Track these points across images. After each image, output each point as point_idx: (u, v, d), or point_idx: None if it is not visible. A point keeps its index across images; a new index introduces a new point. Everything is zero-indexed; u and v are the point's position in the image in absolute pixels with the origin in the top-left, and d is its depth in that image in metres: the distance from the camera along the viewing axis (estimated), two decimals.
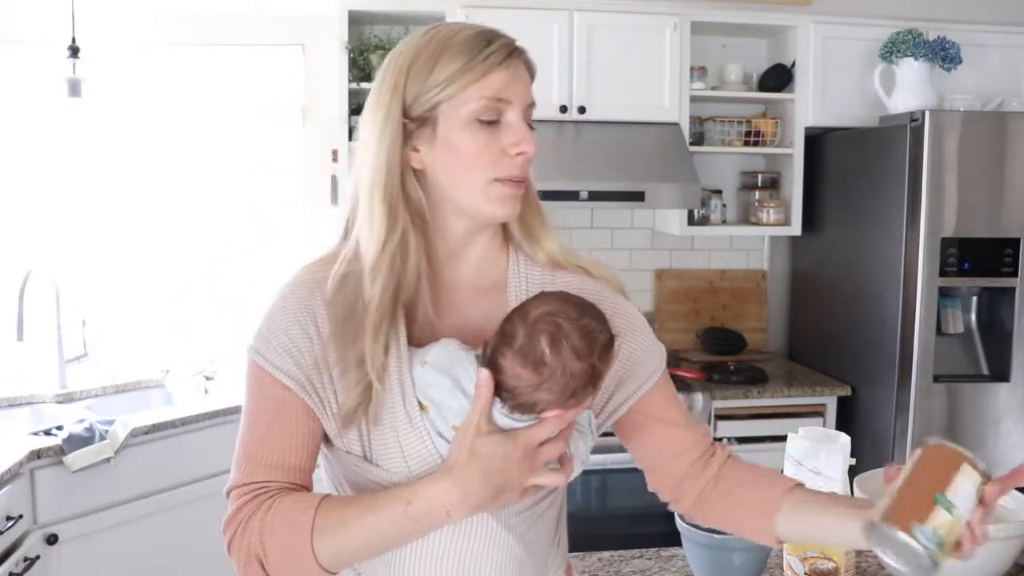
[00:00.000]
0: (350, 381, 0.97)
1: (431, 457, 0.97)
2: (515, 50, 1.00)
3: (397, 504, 0.93)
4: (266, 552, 0.95)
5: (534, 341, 0.92)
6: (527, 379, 0.92)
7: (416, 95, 0.97)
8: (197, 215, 3.24)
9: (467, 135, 0.97)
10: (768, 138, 3.26)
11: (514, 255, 1.09)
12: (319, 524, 0.94)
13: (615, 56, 3.03)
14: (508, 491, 0.93)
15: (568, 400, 0.93)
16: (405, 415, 0.97)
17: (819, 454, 1.32)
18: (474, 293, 1.07)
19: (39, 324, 2.86)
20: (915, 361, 2.77)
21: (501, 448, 0.91)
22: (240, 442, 1.02)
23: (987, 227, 2.75)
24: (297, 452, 0.99)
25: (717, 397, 2.91)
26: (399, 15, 3.02)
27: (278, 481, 0.99)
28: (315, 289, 1.01)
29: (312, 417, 0.99)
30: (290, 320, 1.00)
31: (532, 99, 1.02)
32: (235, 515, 0.98)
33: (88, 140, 3.12)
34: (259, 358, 0.99)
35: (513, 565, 1.03)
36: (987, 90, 3.20)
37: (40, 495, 2.23)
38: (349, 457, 1.01)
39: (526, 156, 0.99)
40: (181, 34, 3.13)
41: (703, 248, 3.54)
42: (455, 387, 0.95)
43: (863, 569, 1.43)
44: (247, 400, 1.02)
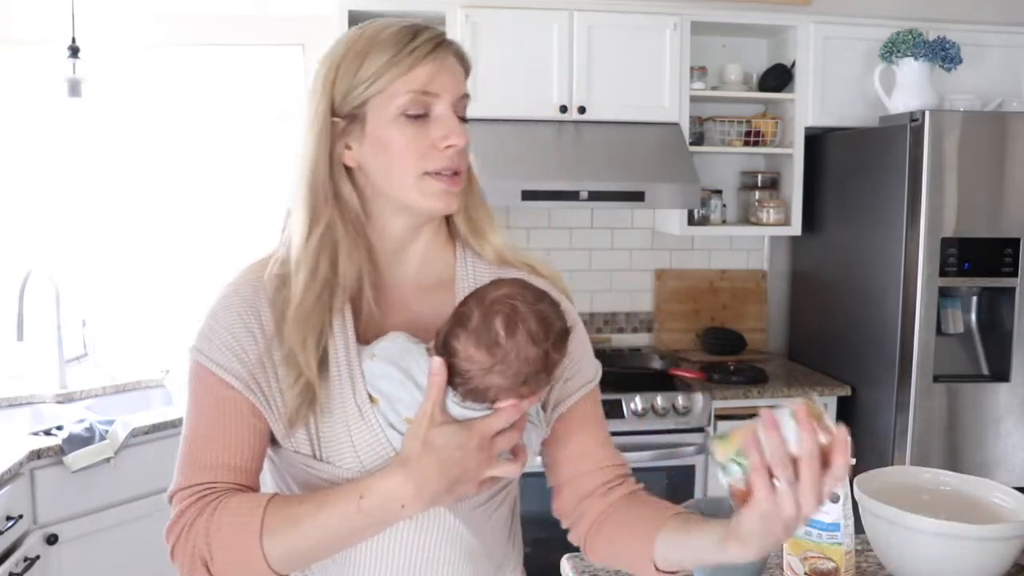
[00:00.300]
0: (288, 379, 0.95)
1: (383, 450, 0.95)
2: (442, 43, 0.98)
3: (350, 499, 0.90)
4: (212, 554, 0.92)
5: (489, 322, 0.91)
6: (480, 361, 0.91)
7: (345, 92, 0.97)
8: (197, 215, 3.24)
9: (395, 130, 0.97)
10: (768, 138, 3.26)
11: (460, 251, 1.09)
12: (268, 523, 0.91)
13: (615, 56, 3.03)
14: (465, 483, 0.92)
15: (520, 387, 0.92)
16: (356, 409, 0.96)
17: None
18: (421, 290, 1.06)
19: (39, 324, 2.86)
20: (915, 361, 2.77)
21: (456, 438, 0.90)
22: (182, 445, 0.99)
23: (987, 227, 2.75)
24: (242, 452, 0.96)
25: (717, 397, 2.91)
26: (399, 15, 2.99)
27: (223, 482, 0.95)
28: (259, 288, 1.00)
29: (258, 416, 0.97)
30: (233, 319, 0.98)
31: (464, 91, 1.01)
32: (178, 519, 0.95)
33: (88, 140, 3.12)
34: (202, 357, 0.97)
35: (469, 560, 1.02)
36: (987, 90, 3.20)
37: (40, 495, 2.23)
38: (297, 456, 0.98)
39: (456, 148, 0.98)
40: (181, 34, 3.13)
41: (703, 248, 3.54)
42: (406, 378, 0.94)
43: (863, 569, 1.43)
44: (190, 402, 1.00)
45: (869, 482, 1.40)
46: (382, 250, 1.04)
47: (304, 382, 0.95)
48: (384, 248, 1.04)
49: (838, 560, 1.31)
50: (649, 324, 3.52)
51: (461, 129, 0.99)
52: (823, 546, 1.32)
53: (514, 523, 1.14)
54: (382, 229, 1.03)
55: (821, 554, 1.32)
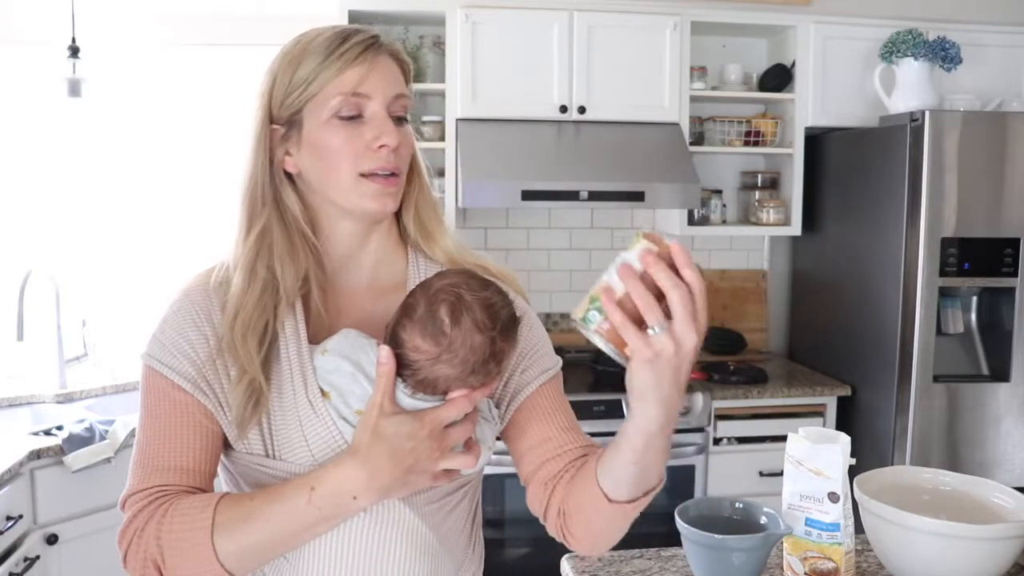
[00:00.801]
0: (233, 380, 0.96)
1: (336, 443, 0.95)
2: (371, 45, 0.99)
3: (301, 491, 0.90)
4: (164, 557, 0.91)
5: (434, 311, 0.92)
6: (426, 351, 0.91)
7: (281, 99, 0.99)
8: (196, 215, 3.23)
9: (328, 132, 0.98)
10: (768, 138, 3.26)
11: (412, 254, 1.10)
12: (219, 521, 0.90)
13: (615, 56, 3.03)
14: (417, 473, 0.91)
15: (469, 377, 0.92)
16: (307, 404, 0.96)
17: (819, 454, 1.32)
18: (374, 294, 1.07)
19: (39, 324, 2.86)
20: (915, 361, 2.77)
21: (406, 427, 0.90)
22: (135, 450, 0.98)
23: (987, 227, 2.75)
24: (195, 454, 0.96)
25: (717, 397, 2.91)
26: (399, 15, 3.02)
27: (176, 484, 0.95)
28: (208, 292, 1.01)
29: (209, 418, 0.97)
30: (185, 321, 0.99)
31: (401, 91, 1.01)
32: (130, 523, 0.94)
33: (88, 140, 3.12)
34: (153, 362, 0.98)
35: (427, 556, 1.00)
36: (987, 90, 3.20)
37: (40, 495, 2.23)
38: (250, 457, 0.98)
39: (388, 148, 0.99)
40: (181, 34, 3.13)
41: (703, 248, 3.54)
42: (356, 371, 0.95)
43: (863, 569, 1.43)
44: (142, 407, 0.99)
45: (869, 482, 1.40)
46: (332, 255, 1.05)
47: (248, 379, 0.95)
48: (333, 254, 1.05)
49: (838, 560, 1.32)
50: None
51: (393, 129, 0.99)
52: (823, 546, 1.32)
53: (475, 526, 1.13)
54: (329, 235, 1.04)
55: (821, 554, 1.32)
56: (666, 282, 0.79)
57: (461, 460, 0.94)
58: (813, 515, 1.32)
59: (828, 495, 1.30)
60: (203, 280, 1.03)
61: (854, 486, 1.37)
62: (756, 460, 2.96)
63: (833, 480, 1.31)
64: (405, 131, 1.02)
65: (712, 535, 1.29)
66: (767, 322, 3.60)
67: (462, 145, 2.92)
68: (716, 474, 2.93)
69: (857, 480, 1.39)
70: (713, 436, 2.92)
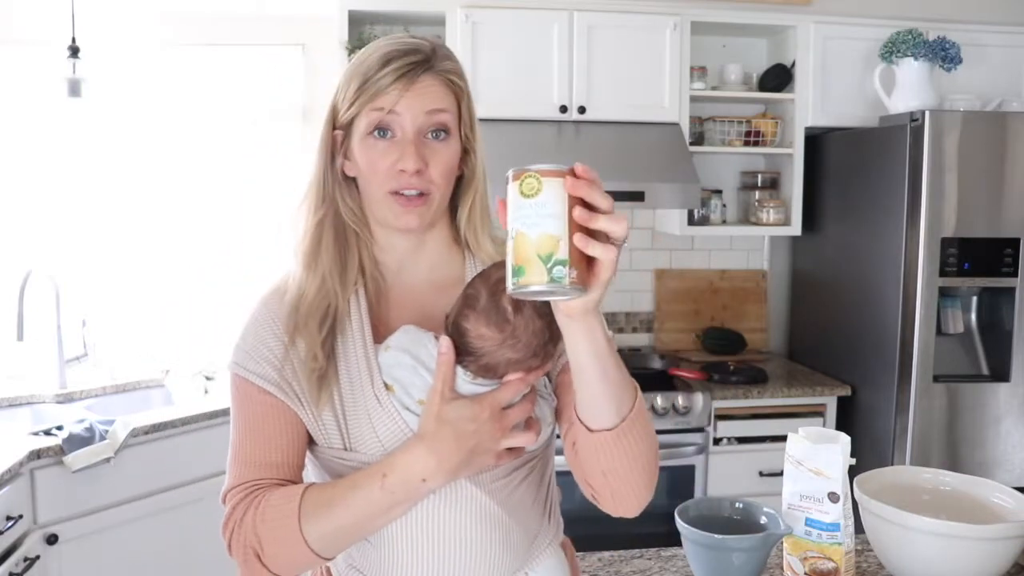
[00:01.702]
0: (304, 367, 1.04)
1: (402, 433, 1.01)
2: (408, 72, 1.02)
3: (374, 478, 0.97)
4: (261, 545, 0.99)
5: (497, 300, 0.96)
6: (491, 338, 0.96)
7: (341, 108, 1.06)
8: (197, 215, 3.24)
9: (364, 148, 1.05)
10: (768, 138, 3.26)
11: (468, 255, 1.15)
12: (305, 509, 0.98)
13: (615, 56, 3.03)
14: (481, 454, 0.97)
15: (530, 359, 0.97)
16: (374, 398, 1.03)
17: (819, 454, 1.32)
18: (433, 290, 1.12)
19: (39, 324, 2.86)
20: (915, 361, 2.77)
21: (468, 411, 0.96)
22: (231, 450, 1.08)
23: (987, 227, 2.75)
24: (284, 449, 1.05)
25: (717, 397, 2.91)
26: (399, 15, 3.02)
27: (268, 478, 1.04)
28: (280, 299, 1.09)
29: (293, 414, 1.05)
30: (262, 328, 1.08)
31: (437, 105, 1.04)
32: (230, 516, 1.03)
33: (88, 140, 3.12)
34: (240, 370, 1.07)
35: (499, 532, 1.05)
36: (987, 90, 3.20)
37: (40, 495, 2.23)
38: (331, 451, 1.06)
39: (408, 173, 1.02)
40: (181, 34, 3.13)
41: (703, 248, 3.54)
42: (417, 364, 1.00)
43: (863, 569, 1.43)
44: (234, 411, 1.09)
45: (869, 482, 1.40)
46: (390, 256, 1.12)
47: (313, 357, 1.03)
48: (391, 255, 1.12)
49: (838, 560, 1.32)
50: (649, 324, 3.52)
51: (413, 153, 1.02)
52: (823, 546, 1.32)
53: (549, 498, 1.16)
54: (383, 238, 1.11)
55: (821, 554, 1.32)
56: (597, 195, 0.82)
57: (522, 438, 0.99)
58: (813, 515, 1.32)
59: (828, 495, 1.30)
60: (275, 286, 1.11)
61: (854, 486, 1.37)
62: (756, 460, 2.96)
63: (833, 480, 1.31)
64: (440, 148, 1.05)
65: (712, 535, 1.29)
66: (767, 322, 3.60)
67: None
68: (716, 474, 2.93)
69: (857, 480, 1.39)
70: (713, 436, 2.92)
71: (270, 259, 3.26)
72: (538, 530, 1.13)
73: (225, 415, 2.58)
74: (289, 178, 3.29)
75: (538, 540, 1.12)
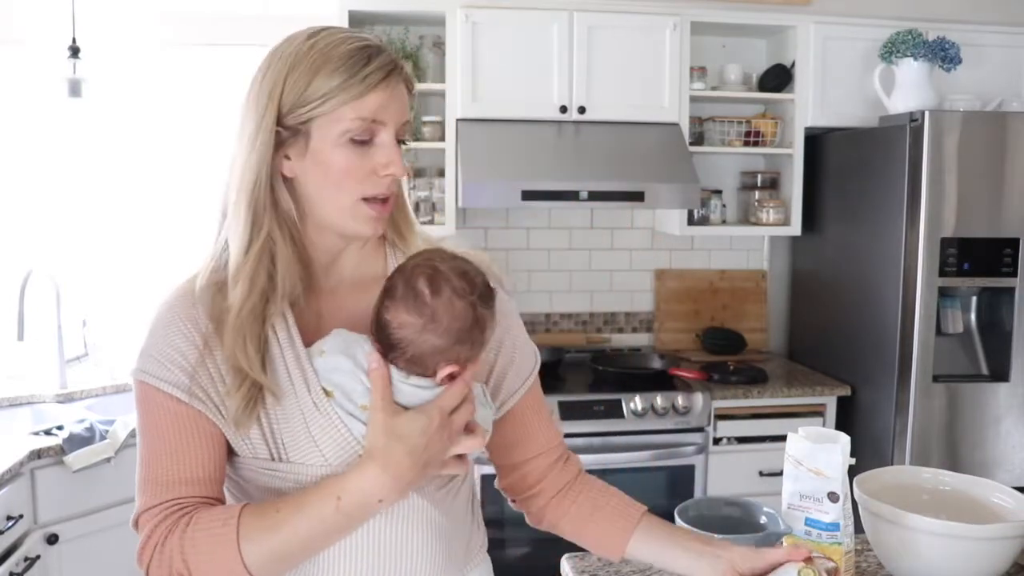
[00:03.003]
0: (233, 384, 0.96)
1: (344, 439, 0.97)
2: (393, 70, 0.99)
3: (327, 501, 0.92)
4: (190, 570, 0.92)
5: (413, 285, 0.95)
6: (412, 324, 0.94)
7: (292, 105, 0.96)
8: (196, 215, 3.23)
9: (339, 153, 0.97)
10: (768, 138, 3.26)
11: (389, 250, 1.12)
12: (245, 533, 0.92)
13: (615, 56, 3.03)
14: (433, 465, 0.95)
15: (455, 346, 0.95)
16: (311, 404, 0.97)
17: (819, 454, 1.32)
18: (356, 290, 1.08)
19: (39, 324, 2.86)
20: (915, 361, 2.77)
21: (419, 424, 0.93)
22: (140, 467, 0.99)
23: (987, 227, 2.75)
24: (204, 464, 0.97)
25: (717, 397, 2.91)
26: (399, 15, 3.02)
27: (189, 497, 0.96)
28: (194, 300, 1.01)
29: (212, 424, 0.97)
30: (172, 332, 0.99)
31: (407, 116, 1.03)
32: (148, 540, 0.95)
33: (88, 140, 3.12)
34: (146, 376, 0.98)
35: (441, 538, 1.05)
36: (987, 90, 3.20)
37: (40, 495, 2.23)
38: (256, 462, 0.99)
39: (393, 177, 1.01)
40: (181, 34, 3.13)
41: (703, 248, 3.54)
42: (356, 368, 0.97)
43: (863, 569, 1.43)
44: (141, 423, 1.00)
45: (869, 482, 1.40)
46: (317, 259, 1.06)
47: (250, 383, 0.96)
48: (318, 258, 1.06)
49: (838, 560, 1.31)
50: (649, 324, 3.52)
51: (400, 158, 1.01)
52: (823, 546, 1.32)
53: (475, 505, 1.19)
54: (315, 241, 1.05)
55: (821, 554, 1.32)
56: None
57: (468, 443, 0.98)
58: (813, 515, 1.32)
59: (828, 495, 1.30)
60: (187, 288, 1.02)
61: (854, 486, 1.37)
62: (756, 460, 2.97)
63: (833, 480, 1.30)
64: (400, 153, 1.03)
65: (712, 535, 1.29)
66: (767, 322, 3.60)
67: (462, 145, 2.92)
68: (716, 474, 2.93)
69: (857, 480, 1.39)
70: (713, 436, 2.92)
71: None
72: (470, 536, 1.14)
73: None
74: None
75: (470, 546, 1.14)
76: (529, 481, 1.18)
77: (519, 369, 1.14)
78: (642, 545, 1.12)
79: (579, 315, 3.48)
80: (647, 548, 1.12)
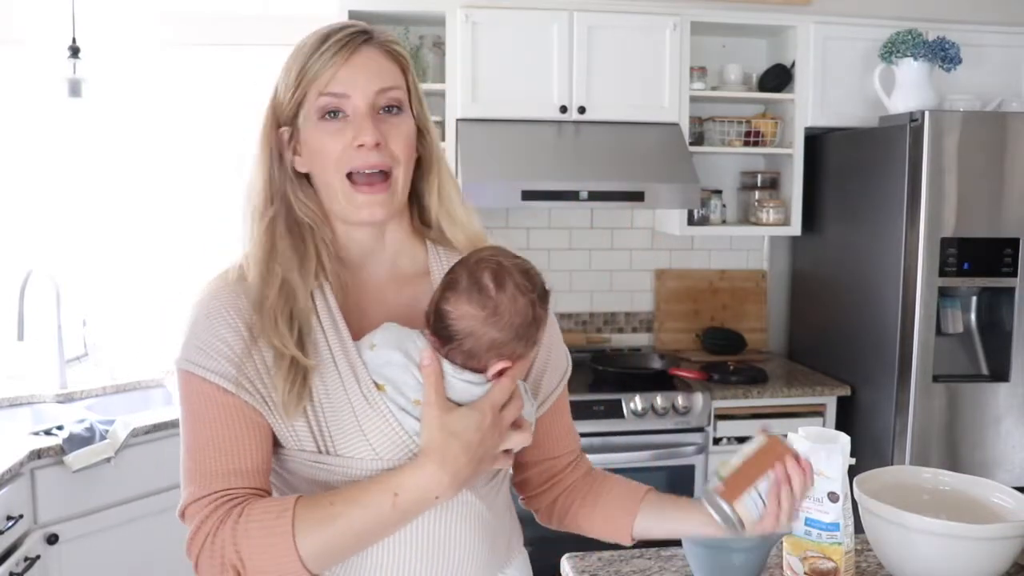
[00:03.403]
0: (274, 367, 0.96)
1: (396, 435, 0.97)
2: (349, 41, 1.00)
3: (383, 497, 0.93)
4: (243, 561, 0.92)
5: (478, 278, 0.96)
6: (474, 315, 0.95)
7: (283, 102, 1.02)
8: (196, 214, 3.23)
9: (316, 133, 1.00)
10: (768, 138, 3.27)
11: (431, 244, 1.12)
12: (300, 525, 0.92)
13: (615, 56, 3.03)
14: (486, 460, 0.96)
15: (513, 341, 0.96)
16: (362, 398, 0.97)
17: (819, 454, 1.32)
18: (396, 284, 1.09)
19: (39, 324, 2.86)
20: (915, 361, 2.77)
21: (473, 420, 0.94)
22: (186, 457, 0.98)
23: (987, 227, 2.75)
24: (251, 455, 0.97)
25: (717, 397, 2.91)
26: (399, 15, 3.02)
27: (238, 488, 0.96)
28: (234, 290, 1.02)
29: (259, 415, 0.97)
30: (218, 322, 0.99)
31: (387, 84, 1.01)
32: (198, 530, 0.95)
33: (88, 140, 3.12)
34: (192, 366, 0.97)
35: (486, 534, 1.05)
36: (987, 90, 3.20)
37: (40, 495, 2.23)
38: (303, 455, 0.99)
39: (366, 148, 0.98)
40: (181, 34, 3.13)
41: (703, 248, 3.55)
42: (408, 362, 0.97)
43: (863, 569, 1.43)
44: (186, 413, 0.99)
45: (869, 482, 1.40)
46: (350, 252, 1.07)
47: (289, 359, 0.96)
48: (351, 251, 1.07)
49: (838, 560, 1.32)
50: (649, 324, 3.53)
51: (371, 126, 0.98)
52: (823, 546, 1.32)
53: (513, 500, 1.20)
54: (343, 233, 1.06)
55: (821, 554, 1.32)
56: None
57: (518, 437, 0.99)
58: (813, 515, 1.32)
59: (828, 495, 1.30)
60: (223, 279, 1.04)
61: (854, 486, 1.37)
62: None
63: (833, 480, 1.31)
64: (397, 123, 1.01)
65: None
66: (767, 322, 3.60)
67: (462, 145, 2.92)
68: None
69: (857, 480, 1.39)
70: (713, 436, 2.92)
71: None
72: (511, 531, 1.14)
73: None
74: None
75: (511, 541, 1.14)
76: (542, 479, 1.19)
77: (555, 369, 1.15)
78: (650, 521, 1.13)
79: (579, 315, 3.48)
80: (655, 522, 1.13)
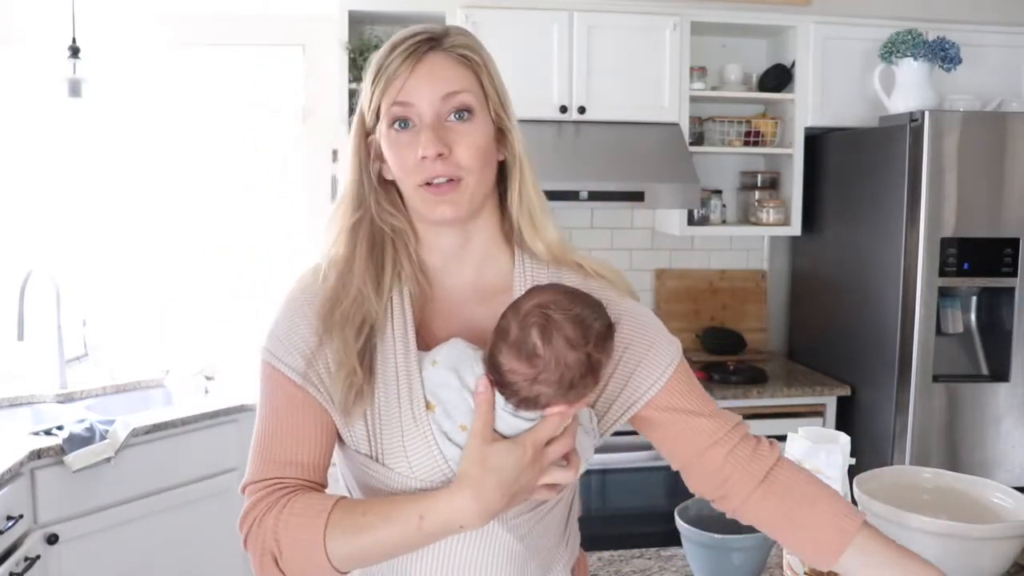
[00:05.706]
0: (335, 369, 0.99)
1: (432, 458, 0.97)
2: (415, 50, 1.01)
3: (410, 519, 0.93)
4: (280, 549, 0.96)
5: (525, 334, 0.93)
6: (522, 372, 0.93)
7: (365, 111, 1.04)
8: (197, 215, 3.24)
9: (389, 145, 1.02)
10: (768, 138, 3.27)
11: (518, 253, 1.10)
12: (332, 530, 0.95)
13: (615, 56, 3.03)
14: (521, 495, 0.95)
15: (568, 392, 0.93)
16: (410, 414, 0.98)
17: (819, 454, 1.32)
18: (479, 296, 1.07)
19: (39, 324, 2.86)
20: (915, 361, 2.77)
21: (513, 456, 0.92)
22: (255, 439, 1.02)
23: (987, 227, 2.75)
24: (310, 449, 1.00)
25: (717, 397, 2.90)
26: (399, 15, 3.02)
27: (292, 478, 1.00)
28: (314, 288, 1.04)
29: (323, 411, 1.00)
30: (298, 317, 1.02)
31: (453, 88, 1.01)
32: (251, 511, 0.99)
33: (89, 141, 3.12)
34: (270, 356, 1.01)
35: (511, 563, 1.03)
36: (987, 90, 3.20)
37: (40, 495, 2.23)
38: (358, 456, 1.02)
39: (428, 160, 0.98)
40: (181, 34, 3.13)
41: (703, 248, 3.54)
42: (463, 386, 0.96)
43: None
44: (261, 398, 1.03)
45: (869, 482, 1.40)
46: (434, 257, 1.07)
47: (347, 370, 0.98)
48: (435, 256, 1.07)
49: None
50: None
51: (431, 138, 0.98)
52: None
53: (569, 525, 1.14)
54: (427, 238, 1.07)
55: None
56: None
57: (561, 475, 0.96)
58: None
59: None
60: (309, 277, 1.06)
61: (854, 486, 1.37)
62: None
63: (833, 480, 1.31)
64: (465, 130, 1.00)
65: (712, 535, 1.29)
66: (767, 322, 3.60)
67: None
68: None
69: (857, 480, 1.39)
70: None
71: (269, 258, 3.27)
72: (553, 558, 1.10)
73: (225, 415, 2.60)
74: (288, 177, 3.29)
75: (552, 566, 1.10)
76: (715, 480, 1.09)
77: (641, 378, 1.06)
78: (855, 565, 1.01)
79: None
80: (862, 570, 1.01)
